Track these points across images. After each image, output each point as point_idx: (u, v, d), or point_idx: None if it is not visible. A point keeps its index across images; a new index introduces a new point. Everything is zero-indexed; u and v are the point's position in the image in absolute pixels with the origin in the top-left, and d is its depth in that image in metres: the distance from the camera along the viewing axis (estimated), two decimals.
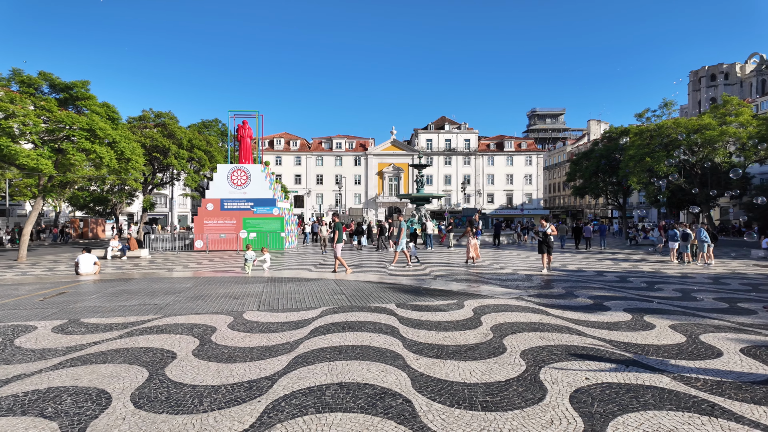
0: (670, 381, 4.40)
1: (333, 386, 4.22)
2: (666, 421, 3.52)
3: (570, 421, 3.52)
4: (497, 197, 75.36)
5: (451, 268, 14.70)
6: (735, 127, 32.36)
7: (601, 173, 49.51)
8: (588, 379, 4.43)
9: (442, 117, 78.60)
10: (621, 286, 10.92)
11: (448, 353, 5.27)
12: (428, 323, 6.79)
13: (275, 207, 24.79)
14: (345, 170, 72.69)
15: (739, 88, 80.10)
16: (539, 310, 7.85)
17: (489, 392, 4.10)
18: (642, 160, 33.95)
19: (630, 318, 7.26)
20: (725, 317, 7.40)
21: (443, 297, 9.10)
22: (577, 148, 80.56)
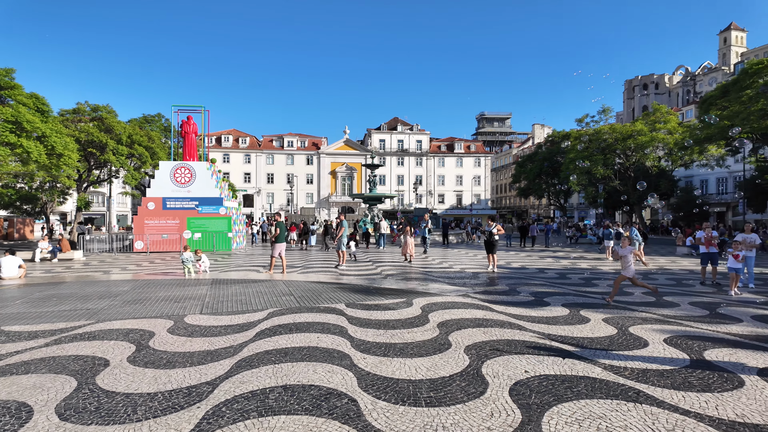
0: (602, 371, 4.67)
1: (277, 389, 4.14)
2: (596, 408, 3.74)
3: (509, 413, 3.66)
4: (448, 197, 77.01)
5: (402, 267, 14.85)
6: (663, 133, 34.91)
7: (544, 175, 51.88)
8: (527, 371, 4.62)
9: (394, 118, 79.31)
10: (560, 283, 11.49)
11: (396, 351, 5.32)
12: (377, 322, 6.82)
13: (222, 206, 23.99)
14: (297, 169, 71.61)
15: (668, 98, 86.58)
16: (484, 306, 8.10)
17: (433, 388, 4.18)
18: (581, 163, 35.77)
19: (567, 312, 7.65)
20: (652, 310, 7.97)
21: (393, 296, 9.18)
22: (522, 151, 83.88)
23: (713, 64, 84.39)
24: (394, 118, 79.30)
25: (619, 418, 3.56)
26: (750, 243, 11.09)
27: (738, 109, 22.42)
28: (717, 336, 6.16)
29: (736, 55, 78.89)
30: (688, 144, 25.96)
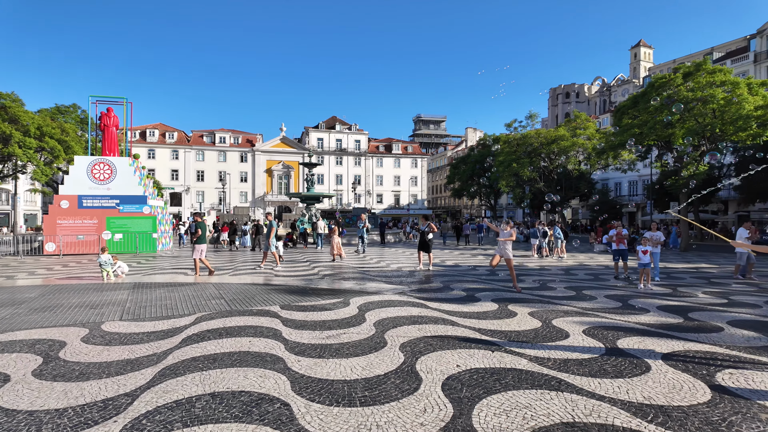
0: (527, 362, 4.92)
1: (204, 397, 3.93)
2: (522, 399, 3.93)
3: (441, 407, 3.74)
4: (386, 197, 77.82)
5: (339, 267, 14.76)
6: (583, 139, 37.62)
7: (476, 177, 53.98)
8: (459, 366, 4.76)
9: (333, 117, 78.76)
10: (491, 279, 12.00)
11: (331, 352, 5.26)
12: (313, 323, 6.71)
13: (146, 205, 22.48)
14: (230, 166, 68.85)
15: (587, 106, 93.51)
16: (419, 303, 8.25)
17: (368, 387, 4.18)
18: (510, 166, 37.59)
19: (497, 307, 8.00)
20: (573, 303, 8.55)
21: (330, 296, 9.09)
22: (456, 153, 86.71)
23: (626, 76, 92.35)
24: (333, 117, 78.77)
25: (543, 406, 3.76)
26: (656, 240, 12.24)
27: (645, 118, 24.69)
28: (628, 326, 6.73)
29: (644, 69, 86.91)
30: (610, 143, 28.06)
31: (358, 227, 21.04)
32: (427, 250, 14.21)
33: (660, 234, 12.51)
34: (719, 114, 22.62)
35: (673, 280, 12.32)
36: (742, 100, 21.89)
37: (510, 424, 3.43)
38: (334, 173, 74.56)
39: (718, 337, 6.07)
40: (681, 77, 24.38)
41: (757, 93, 22.78)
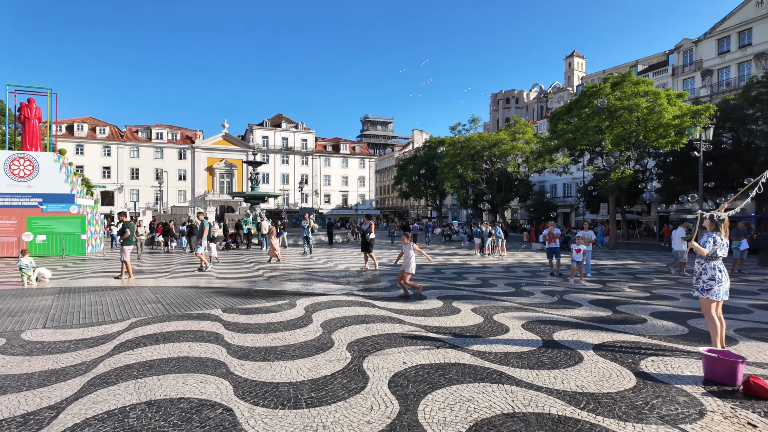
0: (470, 357, 5.08)
1: (140, 406, 3.71)
2: (465, 392, 4.05)
3: (388, 404, 3.78)
4: (334, 197, 77.33)
5: (286, 268, 14.48)
6: (522, 143, 39.39)
7: (422, 178, 54.96)
8: (405, 363, 4.83)
9: (278, 114, 77.15)
10: (436, 277, 12.26)
11: (276, 354, 5.15)
12: (257, 326, 6.54)
13: (73, 204, 20.87)
14: (167, 164, 65.45)
15: (526, 111, 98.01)
16: (367, 303, 8.28)
17: (315, 388, 4.13)
18: (454, 168, 38.62)
19: (442, 305, 8.20)
20: (512, 299, 8.93)
21: (275, 298, 8.90)
22: (403, 155, 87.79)
23: (561, 84, 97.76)
24: (278, 114, 77.15)
25: (485, 399, 3.90)
26: (587, 239, 13.05)
27: (579, 124, 26.31)
28: (563, 319, 7.13)
29: (577, 78, 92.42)
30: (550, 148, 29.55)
31: (303, 228, 20.64)
32: (368, 250, 14.23)
33: (591, 233, 13.35)
34: (643, 122, 24.52)
35: (602, 276, 13.19)
36: (662, 109, 23.87)
37: (454, 418, 3.52)
38: (280, 172, 73.04)
39: (642, 328, 6.58)
40: (610, 87, 26.17)
41: (674, 103, 24.92)
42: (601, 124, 25.27)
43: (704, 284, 5.16)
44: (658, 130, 23.78)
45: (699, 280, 5.23)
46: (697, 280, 5.27)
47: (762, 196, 26.79)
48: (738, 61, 42.17)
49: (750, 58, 40.98)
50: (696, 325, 6.77)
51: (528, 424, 3.42)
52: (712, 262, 5.16)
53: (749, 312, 7.85)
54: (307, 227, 20.33)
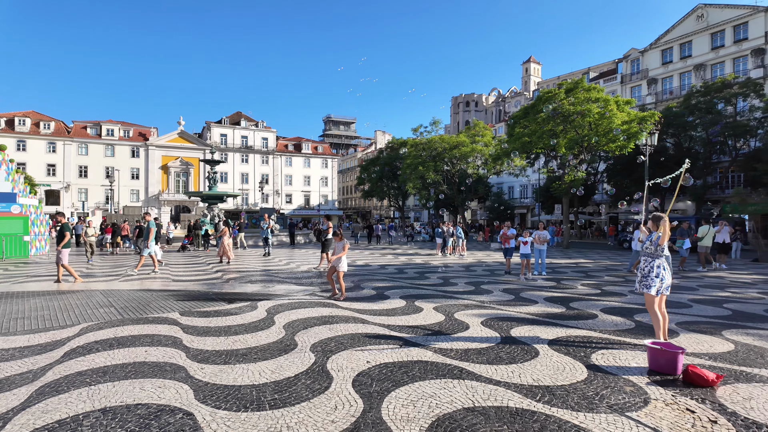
0: (432, 354, 5.20)
1: (94, 413, 3.57)
2: (428, 389, 4.14)
3: (352, 403, 3.81)
4: (295, 197, 76.31)
5: (246, 270, 14.19)
6: (481, 145, 40.38)
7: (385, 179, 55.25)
8: (369, 362, 4.88)
9: (237, 112, 75.33)
10: (399, 277, 12.39)
11: (238, 357, 5.07)
12: (217, 329, 6.40)
13: (15, 204, 19.59)
14: (119, 162, 62.47)
15: (485, 115, 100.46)
16: (330, 304, 8.27)
17: (278, 390, 4.11)
18: (416, 169, 39.05)
19: (405, 304, 8.31)
20: (472, 297, 9.17)
21: (235, 300, 8.72)
22: (366, 155, 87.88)
23: (518, 89, 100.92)
24: (237, 112, 75.34)
25: (446, 394, 4.01)
26: (542, 238, 13.56)
27: (534, 128, 27.29)
28: (520, 316, 7.40)
29: (534, 83, 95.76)
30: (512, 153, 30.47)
31: (263, 228, 20.18)
32: (325, 250, 14.23)
33: (546, 233, 13.87)
34: (594, 127, 25.71)
35: (557, 274, 13.75)
36: (612, 115, 25.13)
37: (417, 413, 3.61)
38: (239, 171, 71.31)
39: (593, 323, 6.93)
40: (564, 92, 27.27)
41: (623, 110, 26.29)
42: (555, 128, 26.31)
43: (648, 281, 5.51)
44: (609, 134, 25.00)
45: (643, 277, 5.58)
46: (642, 277, 5.62)
47: (700, 197, 28.55)
48: (680, 71, 44.98)
49: (690, 68, 43.81)
50: (642, 319, 7.20)
51: (487, 417, 3.55)
52: (656, 260, 5.51)
53: (689, 306, 8.43)
54: (267, 228, 19.91)
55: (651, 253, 5.53)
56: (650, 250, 5.53)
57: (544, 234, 13.68)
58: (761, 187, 30.72)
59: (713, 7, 42.48)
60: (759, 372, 4.68)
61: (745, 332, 6.39)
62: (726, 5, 41.61)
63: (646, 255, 5.59)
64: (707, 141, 32.34)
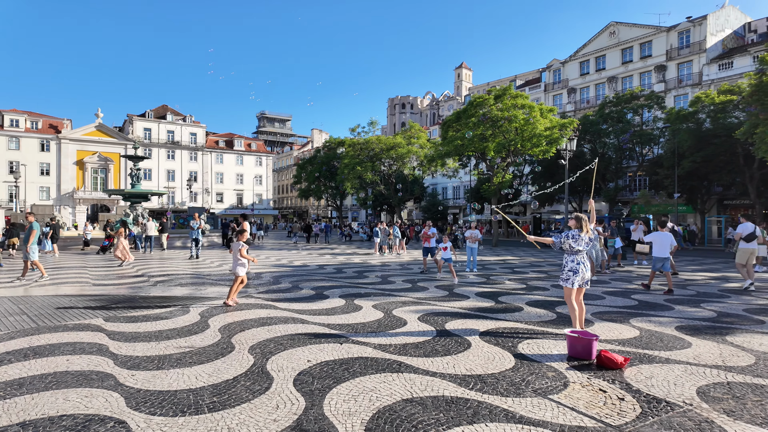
0: (372, 350, 5.34)
1: (12, 428, 3.31)
2: (368, 383, 4.28)
3: (293, 402, 3.85)
4: (227, 196, 73.45)
5: (174, 272, 13.52)
6: (417, 147, 41.37)
7: (322, 178, 54.85)
8: (309, 361, 4.92)
9: (163, 105, 71.09)
10: (338, 277, 12.45)
11: (172, 362, 4.89)
12: (147, 334, 6.10)
13: None
14: (26, 156, 56.52)
15: (420, 117, 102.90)
16: (267, 305, 8.15)
17: (217, 393, 4.04)
18: (354, 169, 39.21)
19: (344, 303, 8.40)
20: (410, 294, 9.46)
21: (166, 304, 8.32)
22: (302, 154, 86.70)
23: (451, 93, 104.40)
24: (163, 105, 71.09)
25: (386, 388, 4.17)
26: (475, 237, 14.24)
27: (466, 131, 28.50)
28: (454, 311, 7.77)
29: (465, 88, 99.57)
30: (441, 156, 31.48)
31: (192, 229, 19.00)
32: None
33: (477, 232, 14.57)
34: (520, 132, 27.34)
35: (487, 270, 14.50)
36: (536, 121, 26.87)
37: (358, 407, 3.72)
38: (165, 168, 67.35)
39: (520, 315, 7.45)
40: (493, 99, 28.71)
41: (546, 116, 28.19)
42: (485, 132, 27.65)
43: (566, 275, 6.04)
44: (533, 139, 26.71)
45: (563, 272, 6.11)
46: (561, 271, 6.15)
47: (612, 199, 31.30)
48: (595, 82, 48.98)
49: (604, 80, 47.86)
50: (562, 311, 7.85)
51: (425, 406, 3.75)
52: (573, 255, 6.06)
53: (602, 298, 9.30)
54: (197, 228, 18.84)
55: (569, 250, 6.06)
56: (567, 248, 6.06)
57: (476, 233, 14.35)
58: (662, 190, 34.32)
59: (623, 26, 46.73)
60: (658, 354, 5.32)
61: (648, 320, 7.20)
62: (634, 24, 45.95)
63: (567, 252, 6.12)
64: (618, 147, 35.58)
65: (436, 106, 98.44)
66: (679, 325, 6.84)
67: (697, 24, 41.05)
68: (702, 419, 3.56)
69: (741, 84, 29.04)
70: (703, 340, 5.96)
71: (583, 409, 3.73)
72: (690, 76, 41.14)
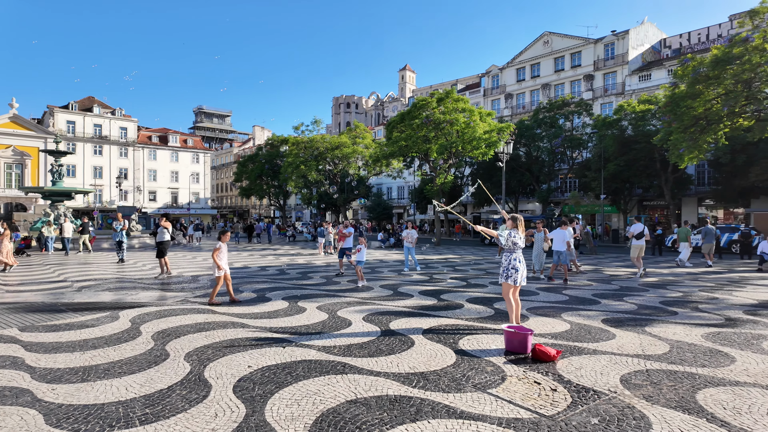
0: (316, 353, 5.29)
1: None
2: (312, 386, 4.22)
3: (233, 409, 3.72)
4: (161, 195, 69.54)
5: (102, 276, 12.60)
6: (362, 147, 41.44)
7: (265, 176, 53.45)
8: (250, 366, 4.78)
9: (89, 97, 66.04)
10: (281, 278, 12.18)
11: (99, 373, 4.56)
12: (70, 344, 5.64)
13: None
14: None
15: (365, 117, 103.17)
16: (205, 310, 7.82)
17: (149, 404, 3.82)
18: (298, 168, 38.59)
19: (287, 305, 8.24)
20: (354, 295, 9.45)
21: (92, 311, 7.74)
22: (243, 151, 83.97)
23: (395, 94, 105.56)
24: (89, 97, 66.04)
25: (330, 390, 4.14)
26: (411, 238, 14.41)
27: (410, 133, 28.97)
28: (398, 310, 7.86)
29: (409, 90, 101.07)
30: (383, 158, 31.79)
31: (115, 230, 16.88)
32: (161, 255, 12.62)
33: (414, 232, 14.78)
34: (461, 134, 28.18)
35: (429, 269, 14.82)
36: (476, 125, 27.82)
37: (301, 411, 3.67)
38: (91, 164, 62.54)
39: (460, 312, 7.69)
40: (436, 102, 29.38)
41: (485, 120, 29.28)
42: (428, 134, 28.24)
43: (509, 272, 6.31)
44: (473, 142, 27.63)
45: (506, 269, 6.36)
46: (502, 269, 6.41)
47: (545, 200, 33.09)
48: (531, 89, 51.52)
49: (539, 87, 50.46)
50: (500, 307, 8.19)
51: (369, 407, 3.77)
52: (515, 253, 6.34)
53: (536, 294, 9.80)
54: (120, 229, 17.00)
55: (510, 248, 6.34)
56: (509, 246, 6.34)
57: (413, 234, 14.42)
58: (590, 191, 36.79)
59: (556, 36, 49.54)
60: (587, 345, 5.70)
61: (577, 314, 7.68)
62: (565, 35, 48.85)
63: (507, 251, 6.39)
64: (551, 151, 37.67)
65: (380, 106, 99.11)
66: (605, 318, 7.37)
67: (621, 38, 44.38)
68: (624, 405, 3.85)
69: (658, 95, 31.78)
70: (625, 331, 6.45)
71: (520, 402, 3.91)
72: (615, 85, 44.38)
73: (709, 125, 18.54)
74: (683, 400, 3.97)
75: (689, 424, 3.51)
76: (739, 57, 17.13)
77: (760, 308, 8.38)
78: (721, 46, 19.09)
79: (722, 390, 4.21)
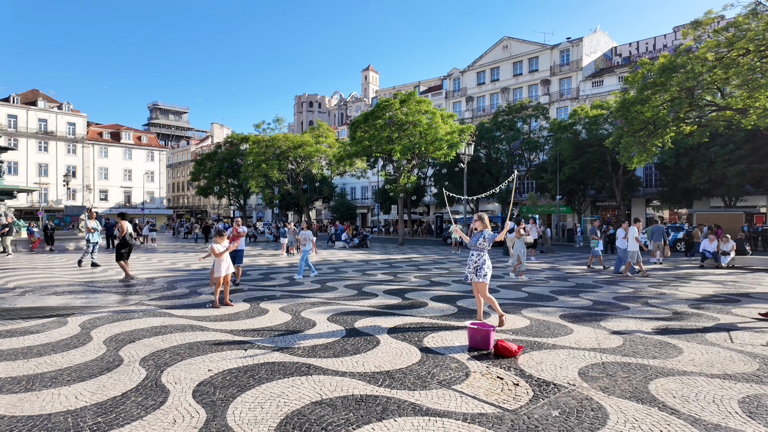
0: (280, 354, 5.18)
1: None
2: (275, 389, 4.13)
3: (193, 414, 3.58)
4: (113, 194, 66.39)
5: (49, 279, 11.86)
6: (325, 146, 41.11)
7: (224, 175, 52.06)
8: (211, 370, 4.62)
9: (33, 90, 62.15)
10: (241, 279, 11.87)
11: (45, 382, 4.28)
12: (12, 352, 5.26)
13: None
14: None
15: (328, 116, 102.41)
16: (162, 313, 7.51)
17: (101, 412, 3.61)
18: (259, 166, 37.83)
19: (249, 307, 8.04)
20: (318, 295, 9.35)
21: (37, 316, 7.26)
22: (201, 149, 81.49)
23: (359, 94, 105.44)
24: (33, 90, 62.15)
25: (295, 392, 4.06)
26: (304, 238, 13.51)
27: (374, 133, 29.00)
28: (363, 309, 7.84)
29: (373, 91, 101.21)
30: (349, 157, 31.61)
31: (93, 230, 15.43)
32: (120, 259, 11.91)
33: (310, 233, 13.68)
34: (424, 135, 28.48)
35: (394, 268, 14.88)
36: (438, 126, 28.19)
37: (265, 415, 3.58)
38: (35, 161, 58.92)
39: (425, 310, 7.75)
40: (399, 103, 29.55)
41: (447, 122, 29.72)
42: (391, 135, 28.36)
43: (484, 270, 6.45)
44: (435, 143, 28.00)
45: (477, 268, 6.47)
46: (475, 268, 6.50)
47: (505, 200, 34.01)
48: (490, 92, 52.79)
49: (498, 90, 51.78)
50: (462, 304, 8.33)
51: (335, 407, 3.72)
52: (483, 252, 6.49)
53: (497, 291, 10.03)
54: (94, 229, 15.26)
55: (483, 247, 6.47)
56: (483, 245, 6.46)
57: (308, 234, 12.72)
58: (547, 192, 38.11)
59: (515, 41, 50.99)
60: (546, 340, 5.88)
61: (537, 310, 7.92)
62: (524, 40, 50.38)
63: (477, 249, 6.51)
64: (510, 153, 38.73)
65: (344, 106, 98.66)
66: (563, 313, 7.63)
67: (575, 45, 46.23)
68: (583, 397, 4.00)
69: (609, 100, 33.32)
70: (582, 326, 6.71)
71: (484, 397, 3.98)
72: (570, 90, 46.19)
73: (657, 129, 19.62)
74: (637, 390, 4.16)
75: (643, 413, 3.68)
76: (683, 66, 18.20)
77: (703, 302, 8.94)
78: (667, 54, 20.25)
79: (672, 380, 4.44)
